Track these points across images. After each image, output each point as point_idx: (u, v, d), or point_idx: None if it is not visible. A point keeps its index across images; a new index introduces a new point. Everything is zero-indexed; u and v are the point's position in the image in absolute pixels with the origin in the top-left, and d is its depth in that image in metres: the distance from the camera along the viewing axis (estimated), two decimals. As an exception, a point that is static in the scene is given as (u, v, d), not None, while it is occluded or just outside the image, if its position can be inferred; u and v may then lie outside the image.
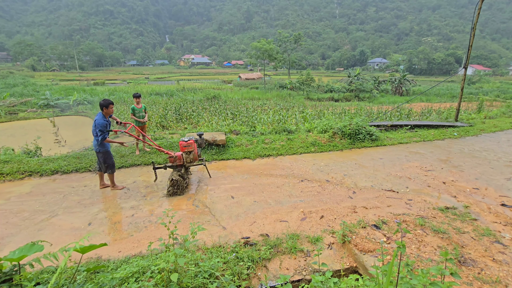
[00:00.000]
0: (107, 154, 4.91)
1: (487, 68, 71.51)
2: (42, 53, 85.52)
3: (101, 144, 4.80)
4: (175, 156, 5.15)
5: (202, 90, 32.30)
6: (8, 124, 14.09)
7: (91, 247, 1.96)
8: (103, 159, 4.90)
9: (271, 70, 72.03)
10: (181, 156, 5.16)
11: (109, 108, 4.79)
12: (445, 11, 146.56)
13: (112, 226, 3.92)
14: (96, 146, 4.84)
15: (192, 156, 5.21)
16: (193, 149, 5.17)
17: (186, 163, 5.20)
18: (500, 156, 6.87)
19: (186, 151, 5.11)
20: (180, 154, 5.18)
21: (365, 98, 31.08)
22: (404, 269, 1.78)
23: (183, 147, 5.09)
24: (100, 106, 4.76)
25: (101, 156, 4.88)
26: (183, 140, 5.08)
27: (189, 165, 5.27)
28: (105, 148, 4.88)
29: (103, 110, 4.76)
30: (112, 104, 4.84)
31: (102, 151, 4.85)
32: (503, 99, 26.60)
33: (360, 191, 4.91)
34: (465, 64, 10.26)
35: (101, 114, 4.78)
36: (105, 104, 4.75)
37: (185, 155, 5.15)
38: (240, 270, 2.72)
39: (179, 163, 5.19)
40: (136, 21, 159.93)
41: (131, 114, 7.11)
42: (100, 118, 4.72)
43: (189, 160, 5.18)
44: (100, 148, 4.83)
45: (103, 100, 4.81)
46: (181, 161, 5.18)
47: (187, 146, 5.10)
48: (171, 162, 5.21)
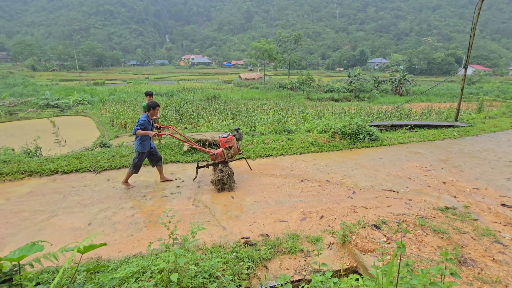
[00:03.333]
0: (142, 155, 5.03)
1: (487, 68, 71.49)
2: (42, 53, 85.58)
3: (141, 144, 4.92)
4: (216, 154, 5.25)
5: (202, 90, 32.33)
6: (8, 124, 14.09)
7: (91, 247, 1.96)
8: (136, 158, 5.02)
9: (271, 70, 72.00)
10: (221, 153, 5.24)
11: (155, 109, 4.91)
12: (445, 11, 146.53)
13: (112, 226, 3.92)
14: (135, 145, 4.99)
15: (233, 151, 5.30)
16: (232, 144, 5.26)
17: (227, 158, 5.29)
18: (500, 156, 6.87)
19: (227, 146, 5.20)
20: (220, 151, 5.25)
21: (365, 98, 31.10)
22: (404, 269, 1.78)
23: (223, 143, 5.15)
24: (147, 107, 4.87)
25: (137, 155, 5.01)
26: (222, 137, 5.17)
27: (231, 160, 5.37)
28: (142, 150, 4.98)
29: (150, 111, 4.88)
30: (158, 106, 4.93)
31: (138, 151, 4.98)
32: (503, 99, 26.61)
33: (360, 191, 4.91)
34: (465, 64, 10.26)
35: (146, 115, 4.90)
36: (152, 106, 4.86)
37: (225, 151, 5.23)
38: (240, 270, 2.72)
39: (221, 160, 5.27)
40: (136, 21, 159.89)
41: (143, 112, 7.19)
42: (144, 117, 4.84)
43: (230, 155, 5.26)
44: (138, 148, 4.96)
45: (151, 101, 4.88)
46: (222, 157, 5.26)
47: (227, 141, 5.17)
48: (213, 160, 5.31)
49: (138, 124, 4.75)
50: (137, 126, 4.75)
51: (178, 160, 6.52)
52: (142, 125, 4.76)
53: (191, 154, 6.77)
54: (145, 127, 4.82)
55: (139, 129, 4.74)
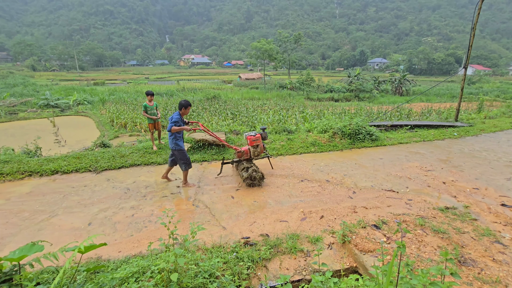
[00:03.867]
0: (182, 152, 5.03)
1: (487, 68, 71.47)
2: (42, 53, 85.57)
3: (176, 142, 4.93)
4: (242, 151, 5.40)
5: (202, 90, 32.32)
6: (8, 124, 14.09)
7: (91, 247, 1.96)
8: (179, 157, 5.03)
9: (271, 70, 72.02)
10: (248, 151, 5.42)
11: (187, 108, 4.94)
12: (445, 11, 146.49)
13: (112, 226, 3.92)
14: (172, 144, 4.96)
15: (259, 149, 5.47)
16: (260, 143, 5.42)
17: (253, 156, 5.39)
18: (500, 156, 6.87)
19: (254, 145, 5.35)
20: (247, 148, 5.43)
21: (365, 98, 31.09)
22: (404, 269, 1.78)
23: (252, 141, 5.34)
24: (179, 105, 4.89)
25: (177, 153, 5.01)
26: (251, 135, 5.36)
27: (256, 158, 5.52)
28: (179, 147, 4.98)
29: (182, 109, 4.91)
30: (190, 105, 4.97)
31: (177, 149, 4.97)
32: (503, 99, 26.60)
33: (360, 191, 4.91)
34: (465, 64, 10.26)
35: (178, 112, 4.92)
36: (185, 104, 4.89)
37: (252, 149, 5.40)
38: (240, 270, 2.72)
39: (246, 157, 5.43)
40: (136, 21, 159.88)
41: (143, 112, 7.19)
42: (176, 114, 4.88)
43: (256, 153, 5.45)
44: (176, 146, 4.95)
45: (183, 100, 4.93)
46: (248, 155, 5.43)
47: (255, 140, 5.37)
48: (239, 157, 5.46)
49: (172, 121, 4.78)
50: (171, 123, 4.77)
51: (178, 160, 6.51)
52: (176, 122, 4.79)
53: (191, 154, 6.76)
54: (179, 125, 4.85)
55: (174, 126, 4.76)
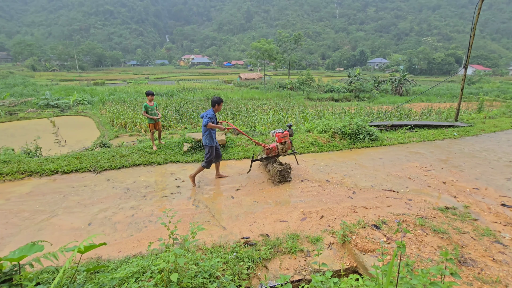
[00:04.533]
0: (212, 149, 5.12)
1: (487, 68, 71.48)
2: (42, 53, 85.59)
3: (210, 138, 5.04)
4: (270, 148, 5.51)
5: (202, 90, 32.34)
6: (8, 124, 14.09)
7: (91, 247, 1.96)
8: (207, 152, 5.12)
9: (271, 70, 71.99)
10: (276, 147, 5.53)
11: (220, 104, 5.03)
12: (445, 11, 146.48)
13: (112, 226, 3.92)
14: (204, 139, 5.06)
15: (286, 146, 5.55)
16: (287, 140, 5.51)
17: (281, 152, 5.52)
18: (500, 156, 6.87)
19: (282, 141, 5.45)
20: (275, 145, 5.53)
21: (365, 98, 31.10)
22: (404, 269, 1.78)
23: (280, 138, 5.42)
24: (212, 102, 4.97)
25: (207, 149, 5.10)
26: (278, 132, 5.44)
27: (283, 154, 5.59)
28: (212, 144, 5.08)
29: (215, 106, 4.98)
30: (222, 101, 5.06)
31: (209, 145, 5.07)
32: (503, 99, 26.60)
33: (360, 191, 4.91)
34: (465, 64, 10.26)
35: (212, 109, 4.99)
36: (217, 101, 4.97)
37: (280, 145, 5.48)
38: (240, 270, 2.72)
39: (274, 154, 5.55)
40: (136, 21, 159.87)
41: (143, 112, 7.15)
42: (211, 111, 4.96)
43: (284, 150, 5.53)
44: (209, 142, 5.05)
45: (216, 97, 5.00)
46: (275, 151, 5.54)
47: (284, 137, 5.44)
48: (267, 154, 5.54)
49: (207, 118, 4.83)
50: (206, 119, 4.82)
51: (178, 160, 6.52)
52: (211, 118, 4.86)
53: (191, 154, 6.77)
54: (213, 121, 4.94)
55: (208, 122, 4.80)
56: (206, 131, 4.99)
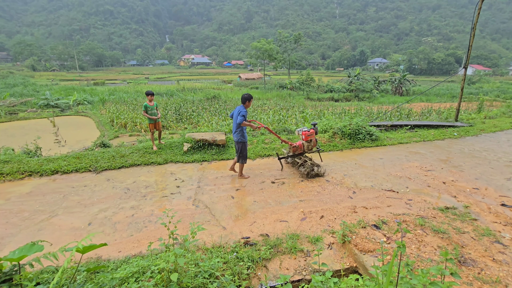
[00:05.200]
0: (245, 145, 5.30)
1: (487, 68, 71.48)
2: (42, 53, 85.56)
3: (243, 134, 5.22)
4: (297, 146, 5.68)
5: (202, 90, 32.33)
6: (8, 124, 14.09)
7: (91, 247, 1.96)
8: (240, 149, 5.28)
9: (271, 70, 71.98)
10: (302, 145, 5.71)
11: (250, 101, 5.21)
12: (445, 11, 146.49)
13: (112, 226, 3.92)
14: (238, 136, 5.21)
15: (312, 144, 5.76)
16: (313, 138, 5.71)
17: (307, 150, 5.74)
18: (500, 156, 6.87)
19: (309, 139, 5.67)
20: (301, 143, 5.71)
21: (365, 98, 31.10)
22: (404, 269, 1.78)
23: (307, 136, 5.65)
24: (243, 99, 5.15)
25: (240, 145, 5.26)
26: (305, 130, 5.68)
27: (309, 152, 5.83)
28: (245, 140, 5.26)
29: (246, 103, 5.15)
30: (252, 98, 5.24)
31: (242, 141, 5.25)
32: (503, 99, 26.60)
33: (360, 191, 4.91)
34: (465, 64, 10.26)
35: (243, 106, 5.15)
36: (248, 98, 5.16)
37: (306, 143, 5.69)
38: (240, 270, 2.72)
39: (300, 151, 5.73)
40: (136, 21, 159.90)
41: (143, 112, 7.14)
42: (243, 108, 5.13)
43: (310, 147, 5.76)
44: (241, 138, 5.22)
45: (246, 94, 5.20)
46: (301, 149, 5.72)
47: (310, 135, 5.67)
48: (293, 151, 5.72)
49: (241, 115, 4.99)
50: (241, 116, 4.98)
51: (178, 160, 6.52)
52: (244, 116, 5.03)
53: (191, 154, 6.77)
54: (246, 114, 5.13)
55: (243, 120, 4.97)
56: (239, 127, 5.15)
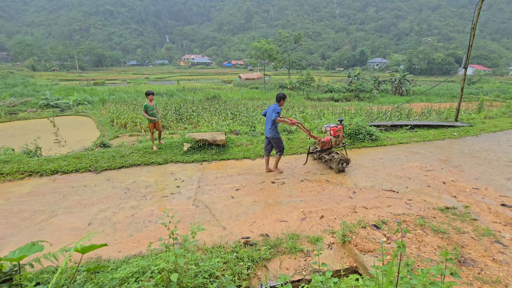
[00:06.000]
0: (280, 140, 5.62)
1: (487, 68, 71.48)
2: (42, 53, 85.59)
3: (276, 131, 5.53)
4: (325, 141, 5.92)
5: (202, 90, 32.33)
6: (8, 124, 14.09)
7: (91, 247, 1.96)
8: (277, 143, 5.59)
9: (271, 70, 72.00)
10: (329, 140, 5.94)
11: (284, 100, 5.48)
12: (445, 11, 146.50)
13: (112, 226, 3.92)
14: (272, 133, 5.50)
15: (339, 139, 6.00)
16: (341, 133, 5.92)
17: (334, 145, 5.99)
18: (500, 156, 6.87)
19: (337, 135, 5.91)
20: (328, 138, 5.94)
21: (365, 98, 31.10)
22: (404, 269, 1.78)
23: (335, 132, 5.89)
24: (278, 98, 5.40)
25: (276, 140, 5.57)
26: (333, 126, 5.92)
27: (336, 147, 6.10)
28: (278, 135, 5.57)
29: (280, 101, 5.40)
30: (286, 97, 5.55)
31: (277, 137, 5.55)
32: (503, 99, 26.60)
33: (360, 191, 4.91)
34: (465, 64, 10.26)
35: (277, 104, 5.41)
36: (282, 97, 5.44)
37: (334, 138, 5.92)
38: (240, 270, 2.72)
39: (328, 147, 5.98)
40: (136, 21, 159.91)
41: (143, 112, 7.14)
42: (277, 106, 5.39)
43: (337, 142, 6.00)
44: (275, 134, 5.52)
45: (281, 93, 5.47)
46: (329, 144, 5.96)
47: (338, 130, 5.91)
48: (321, 147, 5.96)
49: (275, 112, 5.27)
50: (275, 113, 5.27)
51: (178, 160, 6.52)
52: (279, 113, 5.30)
53: (191, 154, 6.77)
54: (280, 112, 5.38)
55: (277, 116, 5.27)
56: (273, 124, 5.43)
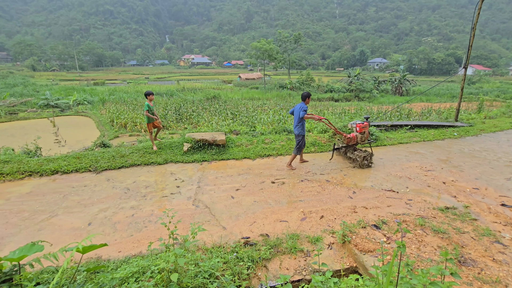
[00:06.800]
0: (303, 138, 5.86)
1: (487, 68, 71.47)
2: (42, 53, 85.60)
3: (303, 128, 5.77)
4: (351, 137, 6.07)
5: (202, 90, 32.32)
6: (8, 124, 14.09)
7: (91, 247, 1.96)
8: (298, 142, 5.84)
9: (271, 70, 71.99)
10: (355, 137, 6.11)
11: (309, 98, 5.77)
12: (445, 11, 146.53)
13: (112, 226, 3.92)
14: (299, 130, 5.78)
15: (365, 136, 6.15)
16: (366, 130, 6.04)
17: (360, 141, 6.13)
18: (500, 156, 6.87)
19: (362, 131, 6.05)
20: (354, 135, 6.09)
21: (365, 98, 31.10)
22: (404, 269, 1.78)
23: (361, 128, 6.05)
24: (303, 96, 5.72)
25: (300, 138, 5.83)
26: (359, 123, 6.07)
27: (362, 143, 6.21)
28: (304, 133, 5.83)
29: (306, 100, 5.71)
30: (310, 95, 5.81)
31: (302, 135, 5.82)
32: (503, 99, 26.60)
33: (360, 191, 4.91)
34: (465, 64, 10.26)
35: (303, 103, 5.71)
36: (308, 95, 5.75)
37: (360, 135, 6.07)
38: (240, 270, 2.72)
39: (353, 143, 6.13)
40: (136, 21, 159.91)
41: (145, 111, 7.08)
42: (304, 104, 5.68)
43: (363, 139, 6.14)
44: (302, 132, 5.78)
45: (306, 92, 5.78)
46: (355, 140, 6.11)
47: (364, 127, 6.06)
48: (347, 143, 6.13)
49: (303, 110, 5.56)
50: (303, 111, 5.55)
51: (178, 160, 6.52)
52: (306, 111, 5.57)
53: (191, 154, 6.77)
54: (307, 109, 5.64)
55: (305, 114, 5.53)
56: (300, 122, 5.69)
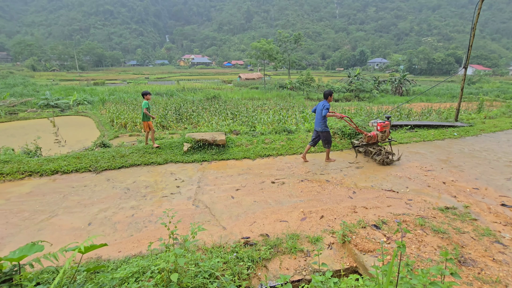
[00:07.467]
0: (328, 133, 6.08)
1: (487, 68, 71.47)
2: (42, 53, 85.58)
3: (326, 125, 5.95)
4: (371, 136, 6.16)
5: (202, 90, 32.33)
6: (8, 124, 14.09)
7: (91, 247, 1.96)
8: (325, 137, 6.06)
9: (271, 70, 72.00)
10: (376, 135, 6.19)
11: (332, 96, 5.92)
12: (445, 11, 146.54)
13: (112, 226, 3.92)
14: (322, 126, 5.97)
15: (386, 135, 6.23)
16: (387, 129, 6.21)
17: (380, 140, 6.22)
18: (500, 156, 6.87)
19: (383, 130, 6.13)
20: (375, 133, 6.17)
21: (365, 98, 31.09)
22: (404, 269, 1.78)
23: (382, 127, 6.13)
24: (325, 95, 5.87)
25: (325, 134, 6.03)
26: (380, 122, 6.15)
27: (382, 142, 6.32)
28: (328, 129, 6.04)
29: (328, 98, 5.86)
30: (333, 93, 5.94)
31: (326, 131, 6.01)
32: (503, 99, 26.58)
33: (360, 191, 4.91)
34: (465, 64, 10.26)
35: (325, 101, 5.86)
36: (330, 93, 5.89)
37: (380, 134, 6.15)
38: (240, 270, 2.72)
39: (374, 141, 6.23)
40: (136, 21, 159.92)
41: (145, 110, 7.08)
42: (326, 102, 5.84)
43: (384, 138, 6.23)
44: (325, 128, 5.98)
45: (327, 90, 5.88)
46: (375, 139, 6.19)
47: (385, 126, 6.13)
48: (368, 141, 6.20)
49: (325, 108, 5.71)
50: (325, 110, 5.70)
51: (178, 160, 6.52)
52: (328, 109, 5.72)
53: (191, 154, 6.77)
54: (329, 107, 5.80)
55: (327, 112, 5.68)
56: (323, 119, 5.88)
